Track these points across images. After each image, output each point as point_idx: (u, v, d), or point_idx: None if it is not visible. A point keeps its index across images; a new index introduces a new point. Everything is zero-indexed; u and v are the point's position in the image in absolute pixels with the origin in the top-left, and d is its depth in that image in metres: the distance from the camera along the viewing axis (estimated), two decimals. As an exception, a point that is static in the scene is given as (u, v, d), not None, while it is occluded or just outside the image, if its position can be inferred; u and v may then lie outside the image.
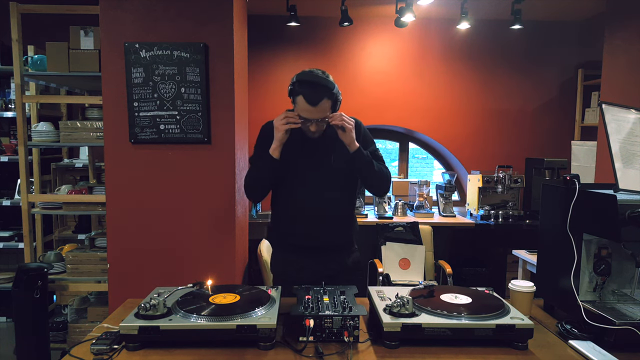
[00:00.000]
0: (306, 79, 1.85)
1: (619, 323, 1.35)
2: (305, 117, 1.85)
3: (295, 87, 1.86)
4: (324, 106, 1.84)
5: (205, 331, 1.34)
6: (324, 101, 1.83)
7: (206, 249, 2.65)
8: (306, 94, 1.82)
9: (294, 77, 1.89)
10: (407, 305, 1.38)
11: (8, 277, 3.57)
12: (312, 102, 1.82)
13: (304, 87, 1.84)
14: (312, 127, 1.88)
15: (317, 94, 1.82)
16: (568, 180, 1.54)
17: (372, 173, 1.95)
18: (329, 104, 1.85)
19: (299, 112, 1.86)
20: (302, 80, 1.85)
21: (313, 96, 1.82)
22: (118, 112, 2.59)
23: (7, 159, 3.56)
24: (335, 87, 1.87)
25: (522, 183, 4.23)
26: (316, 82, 1.83)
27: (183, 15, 2.56)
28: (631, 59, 3.28)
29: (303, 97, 1.83)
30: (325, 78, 1.86)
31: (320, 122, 1.87)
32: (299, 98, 1.84)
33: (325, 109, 1.85)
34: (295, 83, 1.87)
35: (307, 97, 1.82)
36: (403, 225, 3.55)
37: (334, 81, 1.89)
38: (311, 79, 1.85)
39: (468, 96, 4.57)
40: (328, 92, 1.84)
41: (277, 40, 4.44)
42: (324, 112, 1.85)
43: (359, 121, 2.03)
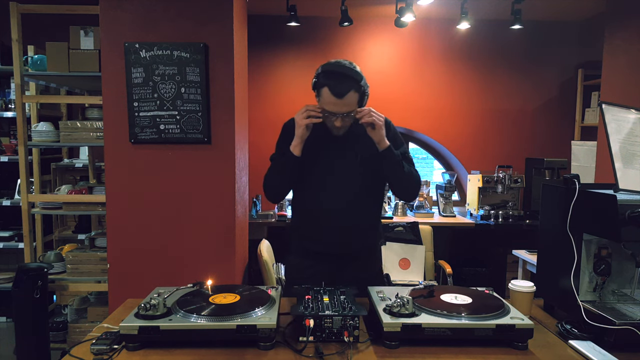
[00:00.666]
0: (332, 69, 1.73)
1: (619, 323, 1.35)
2: (330, 111, 1.74)
3: (320, 79, 1.73)
4: (351, 99, 1.72)
5: (205, 331, 1.34)
6: (350, 93, 1.71)
7: (206, 248, 2.65)
8: (332, 86, 1.69)
9: (318, 68, 1.77)
10: (407, 305, 1.38)
11: (8, 277, 3.57)
12: (338, 94, 1.69)
13: (330, 77, 1.71)
14: (338, 122, 1.75)
15: (343, 86, 1.69)
16: (568, 180, 1.54)
17: (401, 175, 1.82)
18: (356, 97, 1.73)
19: (323, 106, 1.74)
20: (328, 71, 1.73)
21: (339, 88, 1.69)
22: (118, 112, 2.59)
23: (7, 159, 3.56)
24: (364, 79, 1.75)
25: (522, 183, 4.23)
26: (343, 73, 1.71)
27: (183, 15, 2.56)
28: (631, 59, 3.28)
29: (328, 89, 1.70)
30: (353, 69, 1.73)
31: (346, 117, 1.75)
32: (324, 90, 1.72)
33: (352, 103, 1.73)
34: (320, 74, 1.74)
35: (333, 88, 1.69)
36: (403, 225, 3.55)
37: (361, 72, 1.76)
38: (337, 69, 1.72)
39: (468, 96, 4.57)
40: (355, 84, 1.71)
41: (277, 40, 4.44)
42: (350, 105, 1.73)
43: (388, 119, 1.89)
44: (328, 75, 1.72)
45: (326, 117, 1.76)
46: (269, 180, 1.91)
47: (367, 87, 1.78)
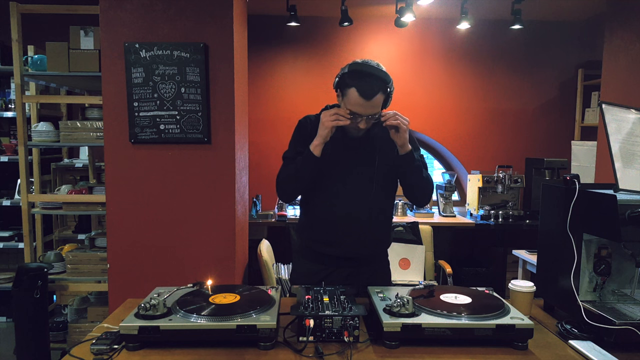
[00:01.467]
0: (361, 70, 1.67)
1: (619, 323, 1.35)
2: (355, 112, 1.69)
3: (346, 79, 1.68)
4: (378, 101, 1.68)
5: (205, 331, 1.34)
6: (378, 96, 1.66)
7: (206, 248, 2.65)
8: (360, 87, 1.64)
9: (344, 68, 1.71)
10: (407, 305, 1.38)
11: (8, 277, 3.58)
12: (366, 95, 1.64)
13: (358, 78, 1.65)
14: (362, 124, 1.71)
15: (372, 87, 1.65)
16: (568, 180, 1.54)
17: (419, 180, 1.81)
18: (382, 99, 1.69)
19: (348, 107, 1.68)
20: (356, 71, 1.67)
21: (368, 89, 1.64)
22: (118, 112, 2.59)
23: (7, 159, 3.56)
24: (391, 81, 1.71)
25: (522, 183, 4.23)
26: (372, 74, 1.66)
27: (183, 15, 2.56)
28: (631, 59, 3.28)
29: (356, 90, 1.65)
30: (382, 70, 1.69)
31: (370, 119, 1.71)
32: (351, 91, 1.66)
33: (379, 105, 1.69)
34: (347, 74, 1.69)
35: (362, 90, 1.64)
36: (403, 225, 3.55)
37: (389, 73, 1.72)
38: (366, 69, 1.67)
39: (468, 96, 4.57)
40: (384, 85, 1.67)
41: (277, 40, 4.44)
42: (377, 107, 1.69)
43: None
44: (356, 76, 1.67)
45: (350, 118, 1.71)
46: (284, 181, 1.85)
47: (393, 88, 1.74)
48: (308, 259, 1.91)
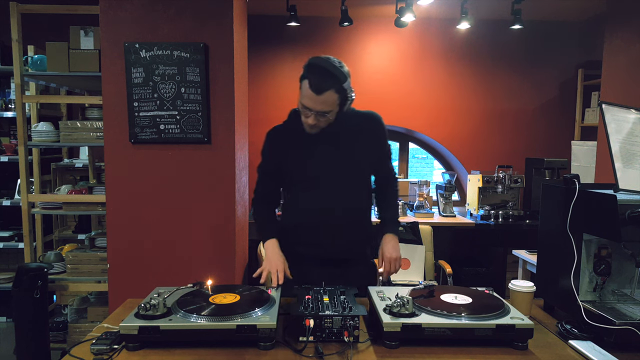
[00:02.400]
0: (316, 63, 1.64)
1: (619, 323, 1.35)
2: (306, 106, 1.66)
3: (304, 71, 1.67)
4: (329, 98, 1.63)
5: (205, 331, 1.34)
6: (329, 92, 1.62)
7: (206, 249, 2.65)
8: (312, 80, 1.62)
9: (307, 60, 1.70)
10: (407, 305, 1.38)
11: (8, 277, 3.58)
12: (316, 89, 1.62)
13: (312, 72, 1.64)
14: (310, 119, 1.68)
15: (323, 82, 1.62)
16: (568, 180, 1.54)
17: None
18: (335, 97, 1.65)
19: (301, 100, 1.68)
20: (312, 64, 1.65)
21: (319, 84, 1.61)
22: (118, 112, 2.59)
23: (7, 159, 3.56)
24: (347, 82, 1.67)
25: (522, 183, 4.23)
26: (326, 69, 1.62)
27: (183, 15, 2.56)
28: (631, 59, 3.28)
29: (308, 83, 1.63)
30: (339, 68, 1.65)
31: (321, 117, 1.67)
32: (304, 83, 1.65)
33: (330, 102, 1.65)
34: (305, 66, 1.67)
35: (313, 83, 1.62)
36: (403, 225, 3.54)
37: (348, 74, 1.69)
38: (322, 63, 1.64)
39: (468, 96, 4.57)
40: (337, 84, 1.63)
41: (277, 40, 4.44)
42: (327, 105, 1.65)
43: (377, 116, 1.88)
44: (311, 69, 1.65)
45: (301, 111, 1.70)
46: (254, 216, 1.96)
47: (352, 91, 1.70)
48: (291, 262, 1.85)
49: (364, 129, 1.85)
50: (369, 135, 1.85)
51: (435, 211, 4.29)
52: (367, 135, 1.84)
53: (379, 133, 1.88)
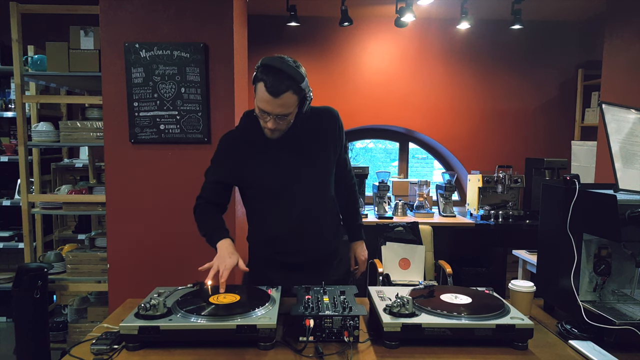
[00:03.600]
0: (271, 64, 1.53)
1: (619, 323, 1.35)
2: (263, 110, 1.57)
3: (257, 73, 1.55)
4: (287, 100, 1.54)
5: (205, 331, 1.34)
6: (287, 94, 1.53)
7: (206, 249, 2.64)
8: (268, 82, 1.52)
9: (259, 61, 1.58)
10: (407, 305, 1.38)
11: (8, 277, 3.58)
12: (273, 92, 1.52)
13: (266, 73, 1.53)
14: (270, 123, 1.58)
15: (280, 84, 1.51)
16: (568, 180, 1.54)
17: None
18: (293, 99, 1.56)
19: (257, 103, 1.58)
20: (266, 65, 1.54)
21: (275, 86, 1.51)
22: (118, 112, 2.59)
23: (7, 159, 3.56)
24: (305, 82, 1.57)
25: (522, 183, 4.23)
26: (282, 70, 1.52)
27: (183, 15, 2.56)
28: (631, 59, 3.28)
29: (264, 85, 1.53)
30: (295, 68, 1.55)
31: (281, 120, 1.59)
32: (259, 85, 1.54)
33: (288, 104, 1.56)
34: (258, 68, 1.56)
35: (269, 85, 1.52)
36: (403, 225, 3.55)
37: (305, 74, 1.59)
38: (277, 64, 1.53)
39: (468, 96, 4.57)
40: (295, 84, 1.53)
41: (277, 40, 4.44)
42: (286, 107, 1.56)
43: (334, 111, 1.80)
44: (265, 70, 1.53)
45: (259, 116, 1.61)
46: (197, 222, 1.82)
47: (310, 90, 1.62)
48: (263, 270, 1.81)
49: (324, 127, 1.77)
50: (330, 133, 1.79)
51: (435, 211, 4.29)
52: (327, 134, 1.78)
53: (338, 129, 1.80)
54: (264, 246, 1.83)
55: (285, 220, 1.75)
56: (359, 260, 1.99)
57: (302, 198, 1.74)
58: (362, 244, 2.01)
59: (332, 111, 1.81)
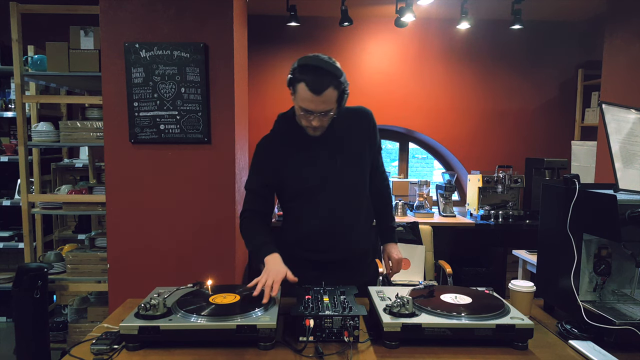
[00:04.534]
0: (310, 63, 1.59)
1: (619, 323, 1.35)
2: (306, 109, 1.62)
3: (296, 74, 1.61)
4: (329, 96, 1.59)
5: (205, 331, 1.34)
6: (329, 90, 1.58)
7: (206, 249, 2.65)
8: (309, 81, 1.57)
9: (295, 63, 1.64)
10: (407, 305, 1.38)
11: (8, 277, 3.58)
12: (315, 90, 1.56)
13: (307, 72, 1.58)
14: (315, 121, 1.63)
15: (321, 82, 1.57)
16: (568, 180, 1.54)
17: None
18: (334, 94, 1.60)
19: (299, 103, 1.63)
20: (305, 65, 1.60)
21: (317, 83, 1.56)
22: (118, 112, 2.59)
23: (7, 159, 3.56)
24: (343, 76, 1.62)
25: (522, 183, 4.23)
26: (321, 67, 1.58)
27: (183, 15, 2.56)
28: (631, 59, 3.28)
29: (305, 85, 1.58)
30: (332, 64, 1.61)
31: (324, 117, 1.63)
32: (300, 86, 1.59)
33: (330, 100, 1.60)
34: (297, 69, 1.61)
35: (310, 84, 1.57)
36: (403, 225, 3.54)
37: (341, 68, 1.64)
38: (316, 63, 1.59)
39: (468, 96, 4.57)
40: (335, 80, 1.58)
41: (277, 40, 4.44)
42: (328, 103, 1.60)
43: (368, 110, 1.85)
44: (305, 70, 1.59)
45: (302, 116, 1.65)
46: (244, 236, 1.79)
47: (347, 84, 1.66)
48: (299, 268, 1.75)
49: (358, 126, 1.82)
50: (364, 132, 1.83)
51: (435, 211, 4.29)
52: (362, 133, 1.82)
53: (372, 128, 1.85)
54: (297, 245, 1.81)
55: (318, 218, 1.76)
56: (392, 261, 1.93)
57: (336, 196, 1.75)
58: (395, 246, 1.97)
59: (366, 110, 1.86)
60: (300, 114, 1.66)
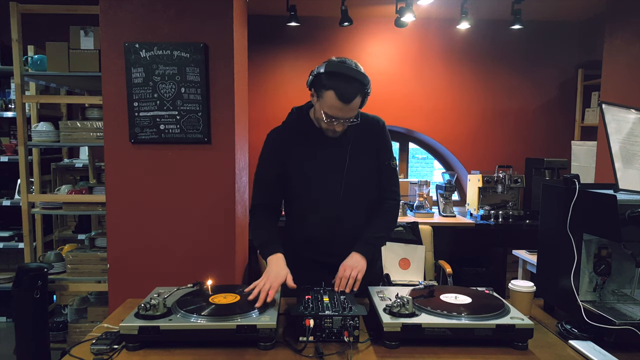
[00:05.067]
0: (339, 71, 1.57)
1: (619, 323, 1.35)
2: (332, 116, 1.61)
3: (323, 80, 1.58)
4: (356, 104, 1.60)
5: (205, 331, 1.34)
6: (357, 98, 1.59)
7: (206, 249, 2.65)
8: (339, 90, 1.56)
9: (319, 67, 1.61)
10: (407, 305, 1.38)
11: (8, 277, 3.58)
12: (345, 99, 1.56)
13: (336, 80, 1.56)
14: (339, 127, 1.65)
15: (351, 91, 1.57)
16: (568, 180, 1.54)
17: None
18: (359, 101, 1.61)
19: (324, 109, 1.61)
20: (335, 73, 1.57)
21: (348, 93, 1.56)
22: (118, 112, 2.59)
23: (7, 159, 3.56)
24: (369, 82, 1.62)
25: (522, 183, 4.23)
26: (351, 77, 1.57)
27: (183, 15, 2.56)
28: (631, 59, 3.28)
29: (334, 93, 1.56)
30: (360, 71, 1.60)
31: (346, 122, 1.65)
32: (328, 93, 1.57)
33: (356, 107, 1.62)
34: (323, 75, 1.58)
35: (341, 94, 1.56)
36: (403, 225, 3.54)
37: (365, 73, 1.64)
38: (345, 71, 1.57)
39: (468, 96, 4.57)
40: (362, 88, 1.59)
41: (277, 40, 4.44)
42: (354, 110, 1.62)
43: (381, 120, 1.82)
44: (334, 77, 1.57)
45: (326, 121, 1.64)
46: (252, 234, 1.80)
47: (370, 89, 1.66)
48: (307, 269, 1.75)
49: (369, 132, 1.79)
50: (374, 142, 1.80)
51: (435, 211, 4.29)
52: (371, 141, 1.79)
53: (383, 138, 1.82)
54: (300, 244, 1.81)
55: (319, 218, 1.76)
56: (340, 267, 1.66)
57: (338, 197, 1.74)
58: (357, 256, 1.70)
59: (380, 121, 1.83)
60: (324, 120, 1.64)
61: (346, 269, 1.63)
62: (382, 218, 1.81)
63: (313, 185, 1.76)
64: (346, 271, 1.62)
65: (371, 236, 1.76)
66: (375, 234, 1.77)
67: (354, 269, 1.63)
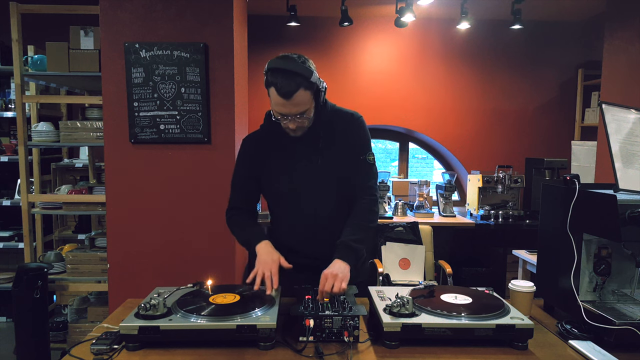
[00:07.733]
0: (279, 67, 1.52)
1: (619, 323, 1.35)
2: (281, 113, 1.57)
3: (268, 77, 1.54)
4: (301, 98, 1.53)
5: (205, 331, 1.34)
6: (300, 92, 1.52)
7: (206, 249, 2.65)
8: (278, 85, 1.50)
9: (266, 65, 1.57)
10: (407, 305, 1.38)
11: (8, 277, 3.58)
12: (284, 94, 1.51)
13: (277, 76, 1.51)
14: (291, 124, 1.59)
15: (290, 85, 1.50)
16: (568, 180, 1.54)
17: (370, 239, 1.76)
18: (307, 95, 1.54)
19: (273, 107, 1.58)
20: (275, 69, 1.52)
21: (286, 87, 1.50)
22: (118, 112, 2.59)
23: (7, 159, 3.56)
24: (314, 75, 1.54)
25: (522, 183, 4.23)
26: (288, 70, 1.51)
27: (183, 15, 2.56)
28: (631, 59, 3.28)
29: (275, 89, 1.52)
30: (301, 64, 1.53)
31: (300, 118, 1.58)
32: (271, 90, 1.54)
33: (303, 102, 1.55)
34: (267, 72, 1.55)
35: (280, 88, 1.50)
36: (403, 225, 3.55)
37: (313, 67, 1.58)
38: (282, 65, 1.52)
39: (468, 96, 4.57)
40: (305, 81, 1.52)
41: (277, 40, 4.44)
42: (301, 105, 1.55)
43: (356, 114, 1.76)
44: (275, 73, 1.52)
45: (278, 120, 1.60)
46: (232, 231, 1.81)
47: (321, 82, 1.59)
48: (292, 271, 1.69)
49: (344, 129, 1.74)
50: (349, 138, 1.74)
51: (435, 211, 4.29)
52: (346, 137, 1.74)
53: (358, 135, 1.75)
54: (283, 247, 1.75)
55: (300, 220, 1.75)
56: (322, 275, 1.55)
57: (313, 200, 1.72)
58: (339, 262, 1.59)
59: (357, 116, 1.78)
60: (275, 117, 1.61)
61: (328, 278, 1.53)
62: (359, 217, 1.71)
63: (288, 185, 1.72)
64: (328, 281, 1.52)
65: (349, 239, 1.65)
66: (352, 237, 1.66)
67: (337, 279, 1.52)
